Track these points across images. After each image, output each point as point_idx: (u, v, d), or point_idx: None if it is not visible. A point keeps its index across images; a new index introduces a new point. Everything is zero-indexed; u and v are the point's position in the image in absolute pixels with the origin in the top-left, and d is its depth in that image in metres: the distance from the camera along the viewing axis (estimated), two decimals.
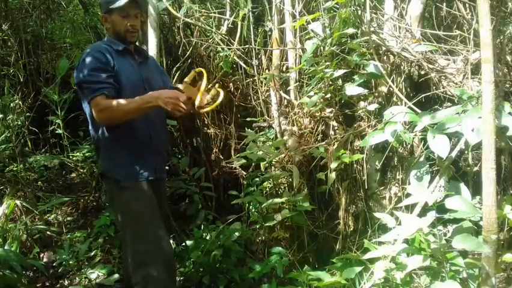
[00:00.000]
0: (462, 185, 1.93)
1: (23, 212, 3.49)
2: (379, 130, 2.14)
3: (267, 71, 3.68)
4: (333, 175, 2.73)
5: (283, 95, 3.42)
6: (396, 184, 2.72)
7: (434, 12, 3.40)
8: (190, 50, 3.77)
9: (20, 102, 4.44)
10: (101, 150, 2.33)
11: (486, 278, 1.68)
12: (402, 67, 2.72)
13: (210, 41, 3.79)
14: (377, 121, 2.67)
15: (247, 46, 3.67)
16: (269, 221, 2.84)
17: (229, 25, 3.87)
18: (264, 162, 3.06)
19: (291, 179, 3.04)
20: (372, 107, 2.69)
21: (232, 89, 3.97)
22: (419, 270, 2.07)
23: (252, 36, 3.62)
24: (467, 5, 2.96)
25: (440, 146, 1.87)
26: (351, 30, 2.58)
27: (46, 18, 5.32)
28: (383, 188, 2.78)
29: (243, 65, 3.71)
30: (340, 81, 2.77)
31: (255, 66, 3.64)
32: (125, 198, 2.25)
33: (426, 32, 2.88)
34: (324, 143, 2.88)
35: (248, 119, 3.71)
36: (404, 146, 2.68)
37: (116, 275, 3.13)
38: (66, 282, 3.19)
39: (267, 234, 3.04)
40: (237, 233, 2.97)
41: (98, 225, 3.51)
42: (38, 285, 3.15)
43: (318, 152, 2.78)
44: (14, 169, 4.14)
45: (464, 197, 1.85)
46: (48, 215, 3.94)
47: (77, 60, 3.96)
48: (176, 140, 4.02)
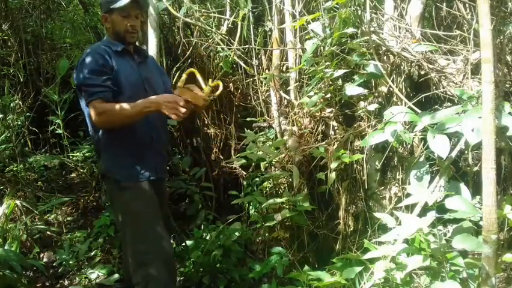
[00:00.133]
0: (462, 185, 1.93)
1: (23, 212, 3.49)
2: (379, 130, 2.14)
3: (267, 71, 3.68)
4: (333, 175, 2.73)
5: (283, 95, 3.42)
6: (396, 184, 2.72)
7: (434, 12, 3.40)
8: (190, 50, 3.77)
9: (20, 102, 4.44)
10: (102, 151, 2.32)
11: (486, 278, 1.68)
12: (402, 67, 2.72)
13: (210, 41, 3.78)
14: (377, 121, 2.67)
15: (247, 46, 3.67)
16: (269, 221, 2.84)
17: (229, 25, 3.87)
18: (264, 162, 3.06)
19: (291, 179, 3.04)
20: (372, 107, 2.69)
21: (232, 89, 3.97)
22: (419, 270, 2.07)
23: (252, 36, 3.62)
24: (467, 5, 2.96)
25: (440, 146, 1.87)
26: (351, 30, 2.58)
27: (46, 18, 5.32)
28: (383, 188, 2.78)
29: (243, 65, 3.71)
30: (340, 81, 2.77)
31: (255, 66, 3.64)
32: (126, 198, 2.24)
33: (426, 32, 2.88)
34: (324, 143, 2.88)
35: (248, 119, 3.71)
36: (404, 146, 2.68)
37: (116, 275, 3.13)
38: (66, 282, 3.19)
39: (267, 234, 3.04)
40: (237, 233, 2.97)
41: (98, 225, 3.51)
42: (38, 285, 3.15)
43: (318, 152, 2.78)
44: (14, 169, 4.14)
45: (464, 197, 1.85)
46: (48, 215, 3.94)
47: (77, 60, 3.95)
48: (176, 140, 4.02)
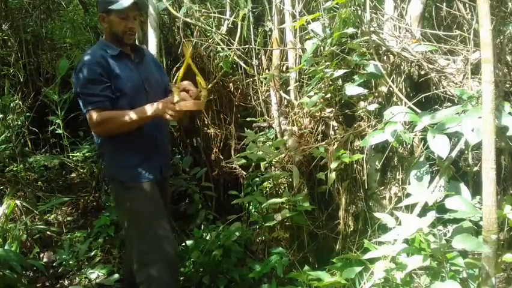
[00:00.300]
0: (462, 185, 1.92)
1: (23, 212, 3.49)
2: (379, 130, 2.14)
3: (267, 71, 3.68)
4: (333, 175, 2.73)
5: (283, 95, 3.42)
6: (396, 184, 2.72)
7: (434, 12, 3.40)
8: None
9: (20, 102, 4.44)
10: (106, 153, 2.33)
11: (486, 278, 1.68)
12: (402, 67, 2.72)
13: (210, 41, 3.78)
14: (377, 121, 2.67)
15: (247, 46, 3.67)
16: (269, 221, 2.84)
17: (229, 25, 3.86)
18: (264, 162, 3.06)
19: (291, 179, 3.03)
20: (372, 107, 2.68)
21: (232, 89, 3.97)
22: (419, 270, 2.07)
23: (252, 36, 3.61)
24: (467, 5, 2.96)
25: (440, 146, 1.87)
26: (351, 30, 2.58)
27: (46, 18, 5.33)
28: (383, 188, 2.78)
29: (243, 65, 3.71)
30: (340, 81, 2.77)
31: (255, 66, 3.63)
32: (130, 198, 2.26)
33: (426, 32, 2.88)
34: (324, 143, 2.88)
35: (248, 119, 3.71)
36: (404, 146, 2.68)
37: (116, 275, 3.13)
38: (66, 282, 3.19)
39: (267, 234, 3.04)
40: (237, 233, 2.97)
41: (98, 225, 3.51)
42: (38, 285, 3.15)
43: (318, 152, 2.78)
44: (14, 169, 4.14)
45: (464, 197, 1.85)
46: (48, 215, 3.94)
47: (77, 60, 3.98)
48: (176, 140, 4.02)
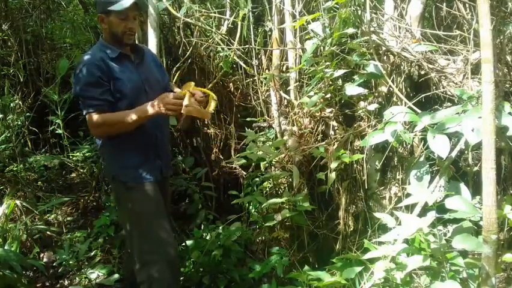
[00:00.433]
0: (462, 185, 1.92)
1: (23, 212, 3.49)
2: (379, 130, 2.14)
3: (267, 71, 3.68)
4: (333, 175, 2.73)
5: (283, 95, 3.42)
6: (396, 184, 2.72)
7: (434, 12, 3.40)
8: (190, 50, 3.76)
9: (20, 102, 4.44)
10: (107, 154, 2.34)
11: (486, 278, 1.68)
12: (402, 67, 2.72)
13: (210, 41, 3.78)
14: (377, 121, 2.67)
15: (247, 46, 3.67)
16: (269, 221, 2.84)
17: (229, 25, 3.87)
18: (264, 162, 3.06)
19: (291, 179, 3.03)
20: (372, 107, 2.69)
21: (232, 89, 3.97)
22: (419, 270, 2.07)
23: (252, 36, 3.61)
24: (467, 5, 2.96)
25: (440, 146, 1.87)
26: (351, 30, 2.58)
27: (46, 18, 5.32)
28: (383, 188, 2.78)
29: (243, 65, 3.71)
30: (340, 81, 2.77)
31: (255, 66, 3.64)
32: (132, 198, 2.27)
33: (426, 32, 2.88)
34: (324, 143, 2.88)
35: (248, 119, 3.71)
36: (404, 146, 2.68)
37: (116, 275, 3.13)
38: (66, 282, 3.19)
39: (267, 234, 3.04)
40: (237, 233, 2.97)
41: (98, 225, 3.51)
42: (38, 285, 3.15)
43: (318, 152, 2.78)
44: (14, 169, 4.14)
45: (464, 197, 1.85)
46: (48, 215, 3.94)
47: (77, 60, 3.98)
48: (177, 140, 4.02)
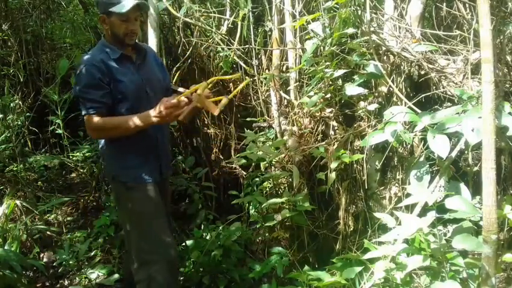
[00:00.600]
0: (462, 185, 1.92)
1: (23, 212, 3.49)
2: (379, 130, 2.14)
3: (267, 71, 3.68)
4: (333, 175, 2.73)
5: (283, 95, 3.42)
6: (396, 184, 2.72)
7: (434, 12, 3.39)
8: (190, 50, 3.76)
9: (20, 102, 4.44)
10: (107, 154, 2.35)
11: (486, 278, 1.68)
12: (402, 67, 2.72)
13: (210, 41, 3.78)
14: (377, 121, 2.67)
15: (247, 46, 3.67)
16: (269, 221, 2.84)
17: (229, 25, 3.87)
18: (264, 162, 3.06)
19: (291, 179, 3.03)
20: (372, 107, 2.68)
21: (232, 89, 3.97)
22: (419, 270, 2.07)
23: (252, 36, 3.61)
24: (467, 5, 2.95)
25: (440, 146, 1.87)
26: (351, 30, 2.58)
27: (46, 18, 5.32)
28: (383, 188, 2.78)
29: (243, 65, 3.71)
30: (340, 81, 2.77)
31: (255, 66, 3.63)
32: (132, 198, 2.28)
33: (426, 32, 2.88)
34: (324, 143, 2.88)
35: (248, 119, 3.71)
36: (404, 146, 2.68)
37: (116, 275, 3.13)
38: (66, 282, 3.19)
39: (267, 234, 3.04)
40: (237, 233, 2.97)
41: (98, 225, 3.51)
42: (38, 285, 3.15)
43: (318, 152, 2.78)
44: (14, 169, 4.14)
45: (464, 197, 1.85)
46: (48, 215, 3.94)
47: (77, 60, 3.98)
48: (176, 140, 4.02)
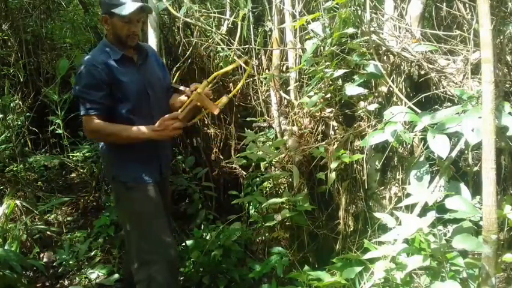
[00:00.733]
0: (462, 185, 1.92)
1: (23, 212, 3.49)
2: (379, 130, 2.14)
3: (267, 71, 3.68)
4: (333, 175, 2.73)
5: (283, 95, 3.42)
6: (396, 184, 2.72)
7: (434, 12, 3.39)
8: (190, 50, 3.76)
9: (20, 102, 4.44)
10: (107, 154, 2.35)
11: (486, 278, 1.68)
12: (402, 67, 2.72)
13: (210, 41, 3.78)
14: (377, 121, 2.67)
15: (247, 46, 3.67)
16: (269, 221, 2.84)
17: (229, 25, 3.87)
18: (264, 162, 3.06)
19: (291, 179, 3.03)
20: (372, 107, 2.69)
21: (232, 89, 3.96)
22: (419, 270, 2.07)
23: (252, 36, 3.61)
24: (467, 5, 2.95)
25: (440, 146, 1.87)
26: (351, 30, 2.58)
27: (46, 18, 5.31)
28: (383, 188, 2.78)
29: (243, 65, 3.70)
30: (340, 81, 2.77)
31: (255, 66, 3.63)
32: (132, 198, 2.28)
33: (426, 32, 2.88)
34: (324, 143, 2.88)
35: (248, 119, 3.71)
36: (404, 146, 2.68)
37: (116, 275, 3.13)
38: (66, 282, 3.19)
39: (267, 234, 3.04)
40: (237, 233, 2.97)
41: (98, 225, 3.51)
42: (38, 285, 3.15)
43: (318, 152, 2.78)
44: (14, 169, 4.14)
45: (464, 197, 1.85)
46: (48, 215, 3.94)
47: (77, 60, 3.98)
48: (177, 140, 4.02)
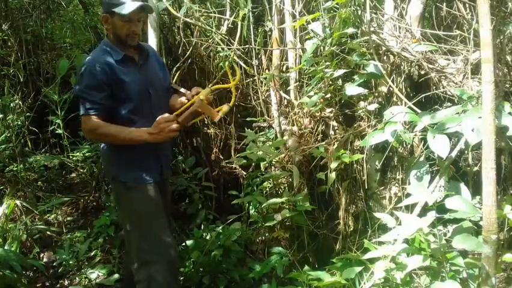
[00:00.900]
0: (462, 185, 1.92)
1: (23, 212, 3.49)
2: (379, 130, 2.14)
3: (267, 71, 3.68)
4: (333, 175, 2.73)
5: (283, 95, 3.42)
6: (396, 184, 2.72)
7: (434, 12, 3.39)
8: (190, 50, 3.76)
9: (20, 102, 4.44)
10: (108, 154, 2.35)
11: (486, 278, 1.68)
12: (402, 67, 2.72)
13: (210, 41, 3.78)
14: (377, 121, 2.67)
15: (247, 46, 3.67)
16: (269, 221, 2.84)
17: (229, 25, 3.86)
18: (264, 162, 3.06)
19: (291, 179, 3.03)
20: (372, 107, 2.69)
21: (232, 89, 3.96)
22: (419, 270, 2.07)
23: (252, 36, 3.61)
24: (467, 5, 2.95)
25: (440, 146, 1.87)
26: (351, 30, 2.58)
27: (46, 18, 5.31)
28: (383, 188, 2.78)
29: (243, 65, 3.71)
30: (340, 81, 2.77)
31: (255, 66, 3.63)
32: (132, 198, 2.28)
33: (426, 32, 2.88)
34: (324, 143, 2.88)
35: (248, 119, 3.71)
36: (404, 146, 2.68)
37: (116, 275, 3.13)
38: (66, 282, 3.19)
39: (267, 234, 3.04)
40: (237, 233, 2.97)
41: (98, 225, 3.51)
42: (38, 285, 3.15)
43: (318, 152, 2.78)
44: (14, 169, 4.14)
45: (464, 197, 1.85)
46: (48, 215, 3.94)
47: (77, 60, 3.98)
48: (177, 140, 4.02)
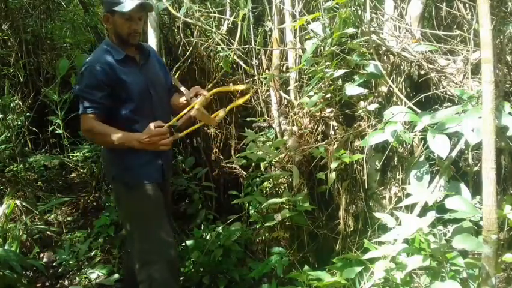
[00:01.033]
0: (462, 185, 1.92)
1: (23, 212, 3.49)
2: (379, 130, 2.14)
3: (267, 71, 3.67)
4: (333, 175, 2.73)
5: (283, 95, 3.42)
6: (396, 184, 2.72)
7: (434, 12, 3.39)
8: (190, 50, 3.76)
9: (20, 102, 4.44)
10: (108, 154, 2.36)
11: (486, 278, 1.68)
12: (402, 67, 2.72)
13: (210, 41, 3.78)
14: (377, 121, 2.67)
15: (247, 46, 3.66)
16: (269, 221, 2.84)
17: (229, 25, 3.86)
18: (264, 162, 3.06)
19: (291, 179, 3.03)
20: (372, 107, 2.69)
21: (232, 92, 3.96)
22: (419, 270, 2.07)
23: (252, 36, 3.61)
24: (467, 5, 2.95)
25: (440, 146, 1.87)
26: (351, 30, 2.58)
27: (46, 18, 5.31)
28: (383, 188, 2.78)
29: (243, 65, 3.71)
30: (340, 81, 2.77)
31: (255, 66, 3.63)
32: (133, 198, 2.28)
33: (426, 32, 2.88)
34: (324, 143, 2.88)
35: (248, 119, 3.71)
36: (404, 146, 2.68)
37: (116, 275, 3.13)
38: (66, 282, 3.19)
39: (267, 234, 3.04)
40: (237, 233, 2.97)
41: (98, 225, 3.51)
42: (38, 285, 3.15)
43: (318, 152, 2.78)
44: (14, 169, 4.14)
45: (464, 197, 1.85)
46: (48, 215, 3.94)
47: (77, 61, 3.98)
48: (177, 140, 4.01)
